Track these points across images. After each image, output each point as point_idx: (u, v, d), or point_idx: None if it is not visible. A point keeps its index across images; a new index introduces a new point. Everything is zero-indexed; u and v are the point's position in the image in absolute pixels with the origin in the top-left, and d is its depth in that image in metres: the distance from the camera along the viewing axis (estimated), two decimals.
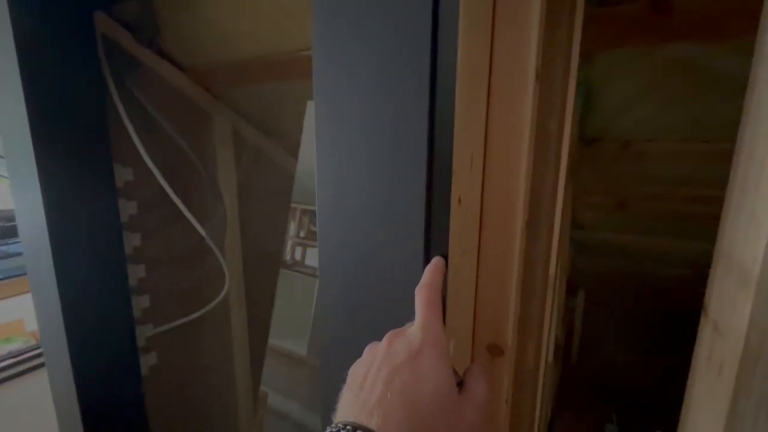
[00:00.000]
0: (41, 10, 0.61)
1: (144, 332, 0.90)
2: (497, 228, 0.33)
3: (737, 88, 0.36)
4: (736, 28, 0.45)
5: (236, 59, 0.82)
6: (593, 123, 0.71)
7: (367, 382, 0.25)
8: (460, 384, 0.27)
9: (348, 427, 0.23)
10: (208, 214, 0.97)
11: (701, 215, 0.86)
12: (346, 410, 0.25)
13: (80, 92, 0.69)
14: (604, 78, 0.59)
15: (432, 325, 0.27)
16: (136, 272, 0.86)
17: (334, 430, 0.23)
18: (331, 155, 0.32)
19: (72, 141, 0.68)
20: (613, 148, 0.77)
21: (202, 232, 0.92)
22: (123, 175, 0.81)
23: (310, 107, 1.03)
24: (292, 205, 1.41)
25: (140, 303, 0.88)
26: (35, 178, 0.65)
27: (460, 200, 0.29)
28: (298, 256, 2.02)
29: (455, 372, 0.27)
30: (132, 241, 0.85)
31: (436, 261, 0.29)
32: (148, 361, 0.91)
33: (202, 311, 0.99)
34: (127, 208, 0.83)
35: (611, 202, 1.04)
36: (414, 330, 0.27)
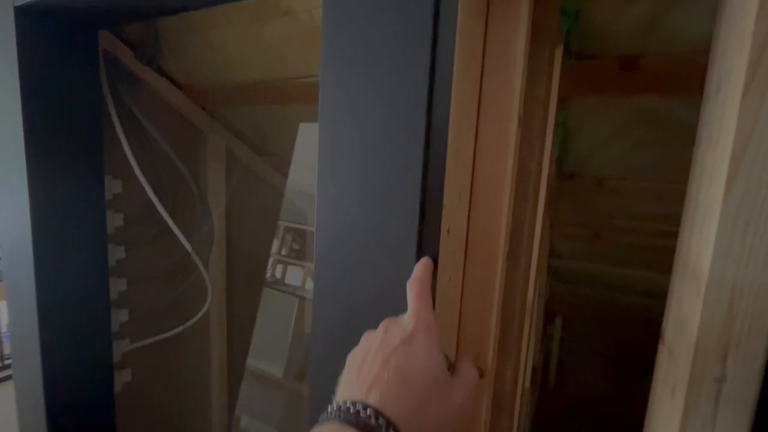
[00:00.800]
0: (48, 26, 0.63)
1: (120, 347, 0.88)
2: (481, 257, 0.36)
3: (694, 138, 0.42)
4: (693, 85, 0.51)
5: (235, 81, 0.85)
6: (570, 160, 0.77)
7: (365, 365, 0.27)
8: (452, 369, 0.29)
9: (348, 402, 0.24)
10: (196, 230, 0.97)
11: (670, 249, 0.91)
12: (345, 391, 0.27)
13: (77, 104, 0.70)
14: (580, 121, 0.64)
15: (424, 314, 0.29)
16: (117, 285, 0.85)
17: (335, 407, 0.25)
18: (332, 184, 0.35)
19: (65, 150, 0.69)
20: (588, 184, 0.82)
21: (189, 247, 0.92)
22: (112, 187, 0.81)
23: (303, 129, 1.06)
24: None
25: (119, 317, 0.87)
26: (24, 183, 0.64)
27: (449, 231, 0.32)
28: (278, 274, 1.99)
29: (447, 358, 0.29)
30: (116, 253, 0.84)
31: (425, 259, 0.31)
32: (122, 378, 0.88)
33: (182, 327, 0.97)
34: (114, 221, 0.82)
35: (587, 234, 1.10)
36: (407, 318, 0.29)
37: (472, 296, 0.37)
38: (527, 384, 0.74)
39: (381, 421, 0.23)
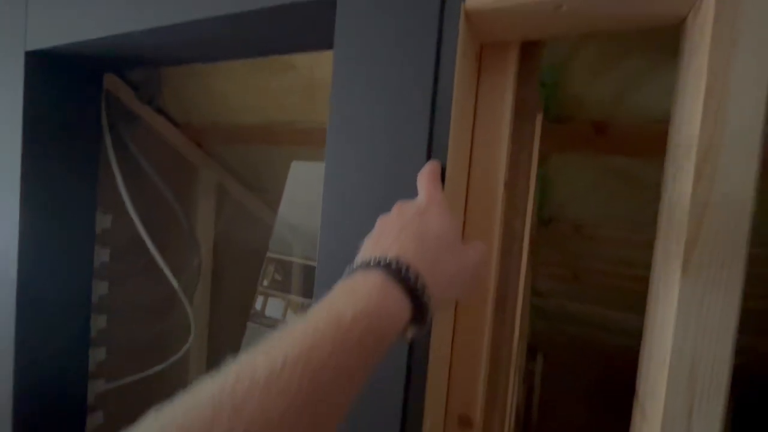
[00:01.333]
0: (56, 69, 0.65)
1: (94, 388, 0.84)
2: (470, 312, 0.38)
3: (659, 195, 0.46)
4: (656, 150, 0.56)
5: (232, 123, 0.88)
6: (549, 207, 0.82)
7: (382, 236, 0.28)
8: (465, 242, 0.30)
9: (367, 259, 0.26)
10: (183, 266, 0.96)
11: (644, 293, 0.96)
12: (365, 256, 0.27)
13: (77, 140, 0.71)
14: (557, 174, 0.70)
15: (436, 193, 0.31)
16: (97, 323, 0.83)
17: (353, 267, 0.26)
18: (335, 233, 0.37)
19: (60, 186, 0.69)
20: (566, 229, 0.87)
21: (175, 284, 0.91)
22: (102, 221, 0.81)
23: (294, 166, 1.09)
24: None
25: (96, 356, 0.84)
26: (15, 216, 0.64)
27: None
28: (259, 306, 1.95)
29: None
30: (99, 289, 0.82)
31: (433, 160, 0.33)
32: (94, 421, 0.84)
33: (161, 366, 0.94)
34: (100, 255, 0.82)
35: (566, 274, 1.14)
36: (419, 197, 0.31)
37: (462, 351, 0.39)
38: (512, 428, 0.75)
39: (401, 264, 0.25)
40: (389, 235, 0.28)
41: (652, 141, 0.54)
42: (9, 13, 0.64)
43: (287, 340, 0.21)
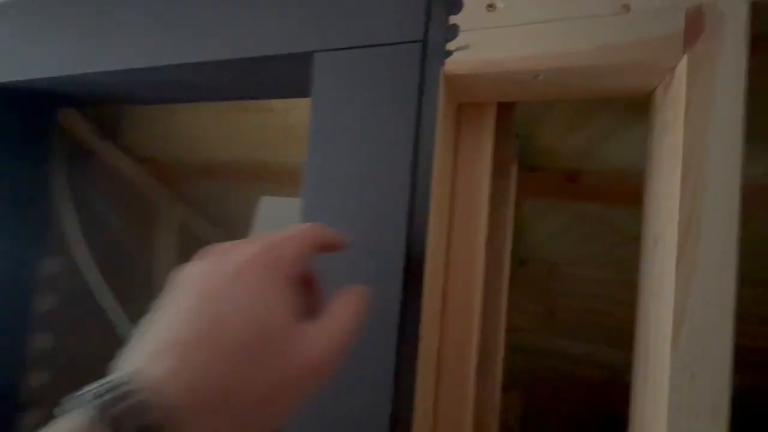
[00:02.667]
0: (4, 102, 0.60)
1: None
2: (453, 374, 0.36)
3: (632, 238, 0.48)
4: (626, 199, 0.58)
5: (200, 160, 0.84)
6: (524, 247, 0.82)
7: (169, 311, 0.20)
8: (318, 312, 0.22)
9: (108, 383, 0.16)
10: (139, 310, 0.88)
11: (619, 328, 0.97)
12: (132, 355, 0.19)
13: (25, 178, 0.65)
14: (531, 218, 0.71)
15: (282, 240, 0.21)
16: (36, 380, 0.73)
17: (95, 388, 0.17)
18: None
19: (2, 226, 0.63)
20: (541, 268, 0.88)
21: (130, 331, 0.83)
22: (50, 266, 0.74)
23: (263, 202, 1.06)
24: None
25: (28, 419, 0.74)
26: None
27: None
28: None
29: (313, 296, 0.23)
30: (41, 342, 0.74)
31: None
32: None
33: None
34: (45, 303, 0.74)
35: (542, 310, 1.15)
36: (256, 240, 0.22)
37: (446, 410, 0.37)
38: None
39: (149, 408, 0.15)
40: (168, 324, 0.19)
41: (621, 189, 0.56)
42: None
43: None
